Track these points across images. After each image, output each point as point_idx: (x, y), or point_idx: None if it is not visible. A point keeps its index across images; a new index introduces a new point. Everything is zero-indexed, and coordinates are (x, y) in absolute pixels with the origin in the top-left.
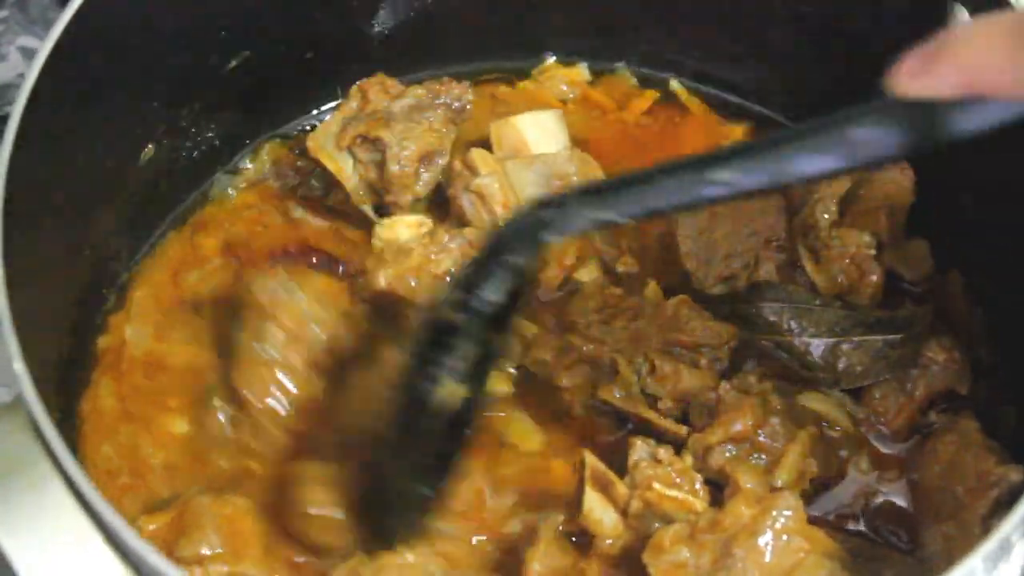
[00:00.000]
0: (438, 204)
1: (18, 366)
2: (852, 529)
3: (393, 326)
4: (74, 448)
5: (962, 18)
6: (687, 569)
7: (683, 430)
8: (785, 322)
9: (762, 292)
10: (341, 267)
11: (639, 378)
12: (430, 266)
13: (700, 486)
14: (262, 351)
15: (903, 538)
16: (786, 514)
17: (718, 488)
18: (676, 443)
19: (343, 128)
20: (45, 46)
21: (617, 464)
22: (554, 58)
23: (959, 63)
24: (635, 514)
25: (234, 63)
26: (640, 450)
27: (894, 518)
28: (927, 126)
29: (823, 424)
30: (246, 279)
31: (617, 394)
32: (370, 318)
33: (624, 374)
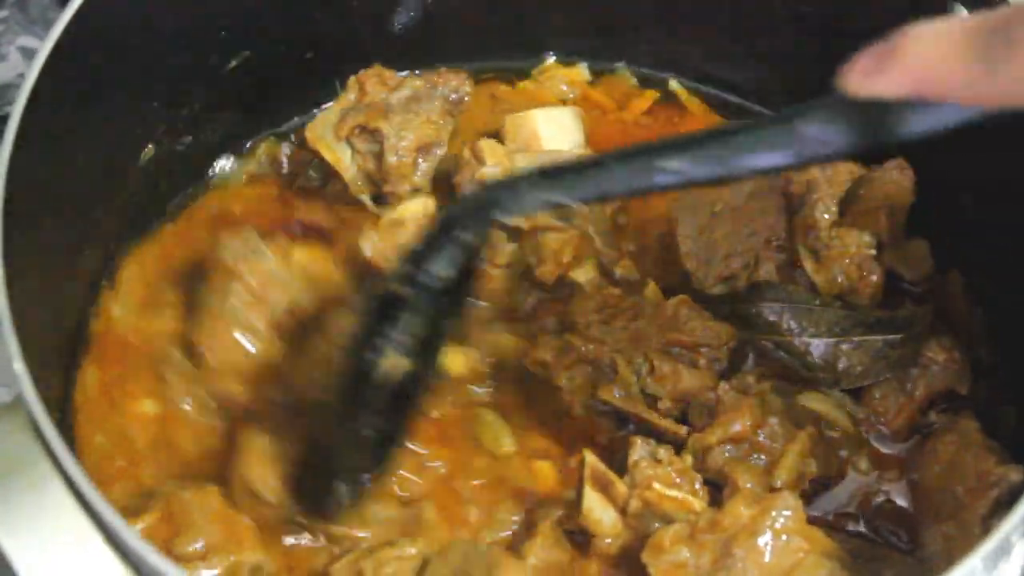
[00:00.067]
0: (444, 191)
1: (18, 366)
2: (852, 529)
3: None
4: (71, 442)
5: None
6: (687, 569)
7: (683, 430)
8: (785, 322)
9: (762, 292)
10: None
11: (638, 378)
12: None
13: (700, 486)
14: (224, 309)
15: (903, 538)
16: (785, 514)
17: (717, 488)
18: (676, 443)
19: (341, 119)
20: (45, 46)
21: (617, 464)
22: (554, 58)
23: (909, 65)
24: (634, 513)
25: (234, 63)
26: (640, 450)
27: (894, 518)
28: (876, 126)
29: (823, 424)
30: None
31: (617, 394)
32: (350, 288)
33: (624, 374)
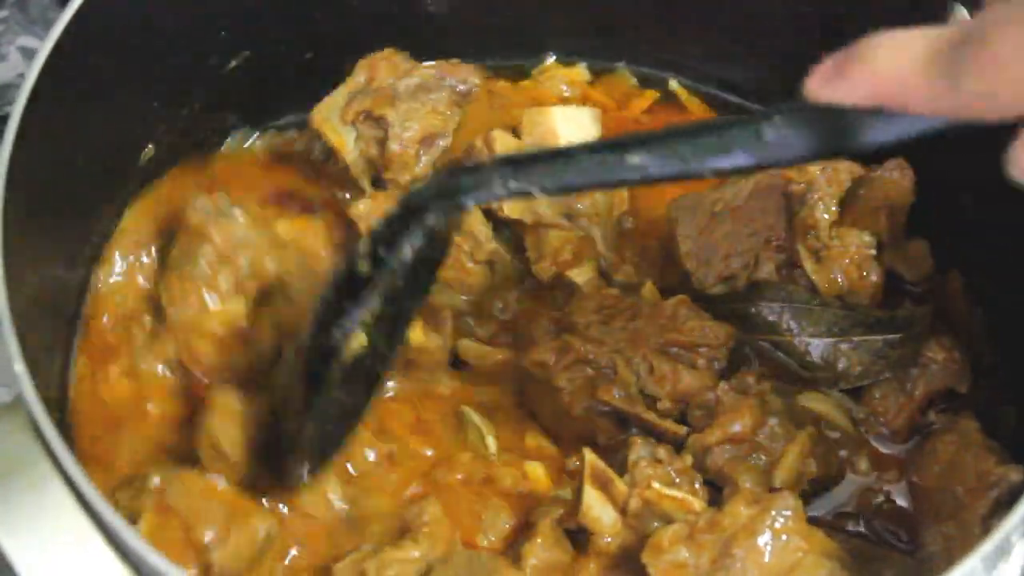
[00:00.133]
0: None
1: (18, 366)
2: (852, 529)
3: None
4: (71, 442)
5: (961, 18)
6: (686, 569)
7: (682, 430)
8: (785, 322)
9: (762, 292)
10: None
11: (638, 379)
12: None
13: (699, 486)
14: (191, 270)
15: (903, 538)
16: (785, 514)
17: (717, 489)
18: (675, 443)
19: (348, 102)
20: (45, 46)
21: (617, 464)
22: (554, 58)
23: (869, 74)
24: (634, 513)
25: (234, 63)
26: (640, 449)
27: (894, 518)
28: (837, 133)
29: (822, 424)
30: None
31: (616, 395)
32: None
33: (623, 375)
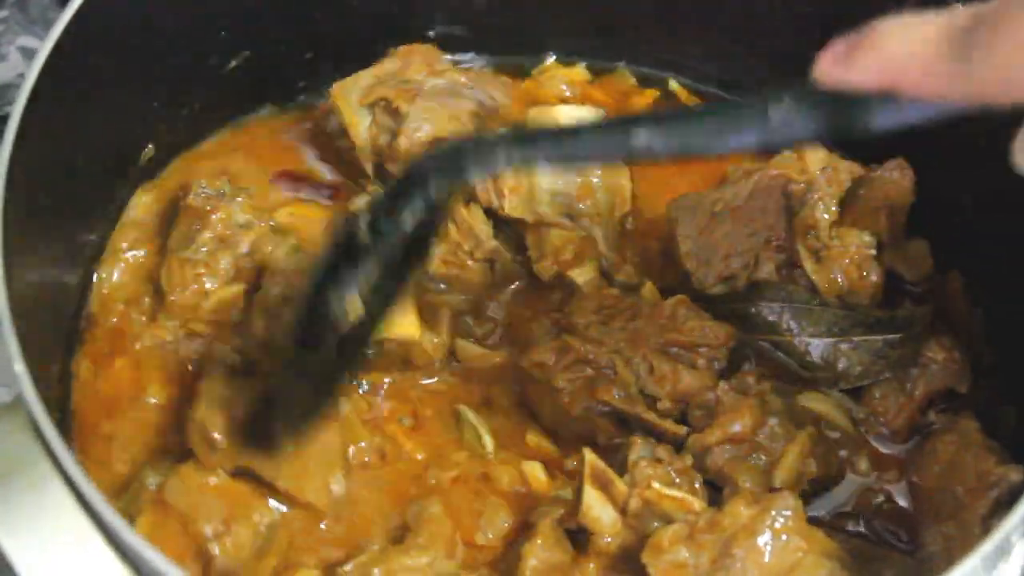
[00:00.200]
0: None
1: (18, 367)
2: (851, 529)
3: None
4: (72, 442)
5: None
6: (686, 569)
7: (682, 430)
8: (785, 322)
9: (762, 292)
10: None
11: (637, 379)
12: None
13: (699, 486)
14: (189, 251)
15: (903, 538)
16: (785, 514)
17: (716, 489)
18: (675, 443)
19: (372, 86)
20: (45, 46)
21: (616, 465)
22: (554, 58)
23: (880, 57)
24: (634, 513)
25: (234, 63)
26: (640, 449)
27: (894, 518)
28: (844, 116)
29: (822, 424)
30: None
31: (616, 395)
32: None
33: (622, 375)
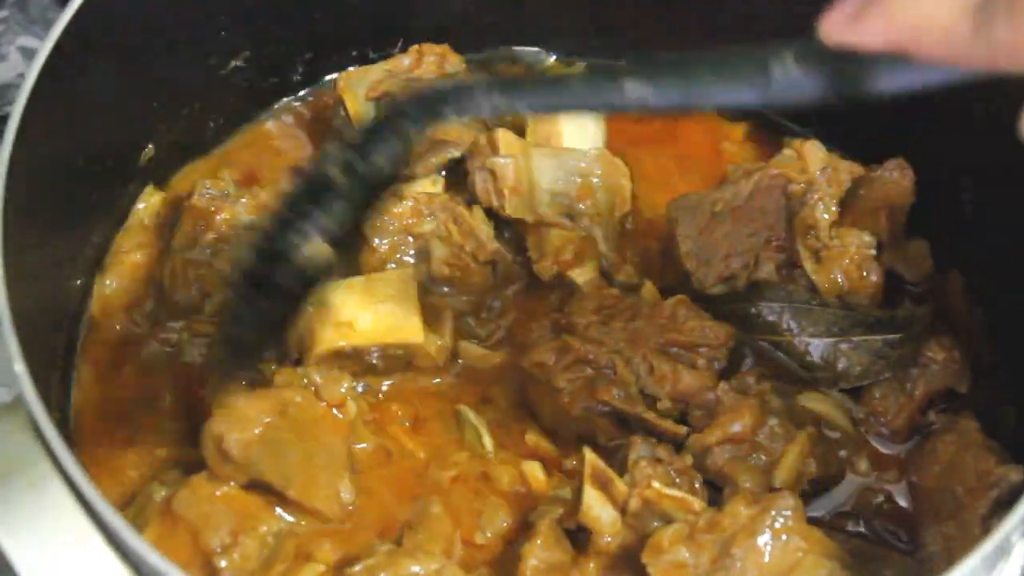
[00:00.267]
0: (456, 175)
1: (18, 367)
2: (851, 529)
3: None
4: (72, 442)
5: None
6: (686, 569)
7: (682, 430)
8: (785, 322)
9: (762, 292)
10: None
11: (637, 379)
12: (410, 219)
13: (699, 485)
14: (192, 250)
15: (903, 538)
16: (785, 514)
17: (716, 489)
18: (675, 443)
19: (381, 80)
20: (45, 46)
21: (616, 464)
22: (554, 58)
23: (896, 17)
24: (634, 512)
25: (234, 63)
26: (640, 449)
27: (894, 518)
28: (848, 78)
29: (822, 424)
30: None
31: (616, 395)
32: None
33: (622, 375)
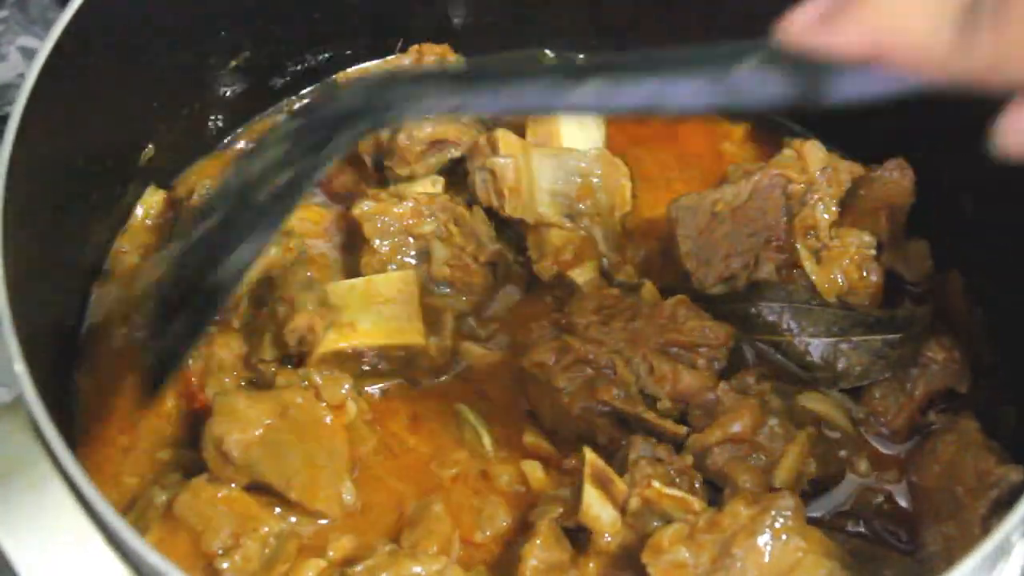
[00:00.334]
0: (456, 176)
1: (18, 367)
2: (851, 529)
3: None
4: (72, 442)
5: None
6: (686, 569)
7: (682, 430)
8: (785, 322)
9: (762, 292)
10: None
11: (637, 379)
12: (411, 220)
13: (699, 485)
14: None
15: (903, 538)
16: (785, 514)
17: (716, 489)
18: (675, 443)
19: None
20: (45, 46)
21: (616, 464)
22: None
23: (870, 22)
24: (634, 512)
25: (234, 63)
26: (640, 448)
27: (894, 518)
28: (812, 84)
29: (822, 424)
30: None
31: (616, 395)
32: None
33: (622, 375)
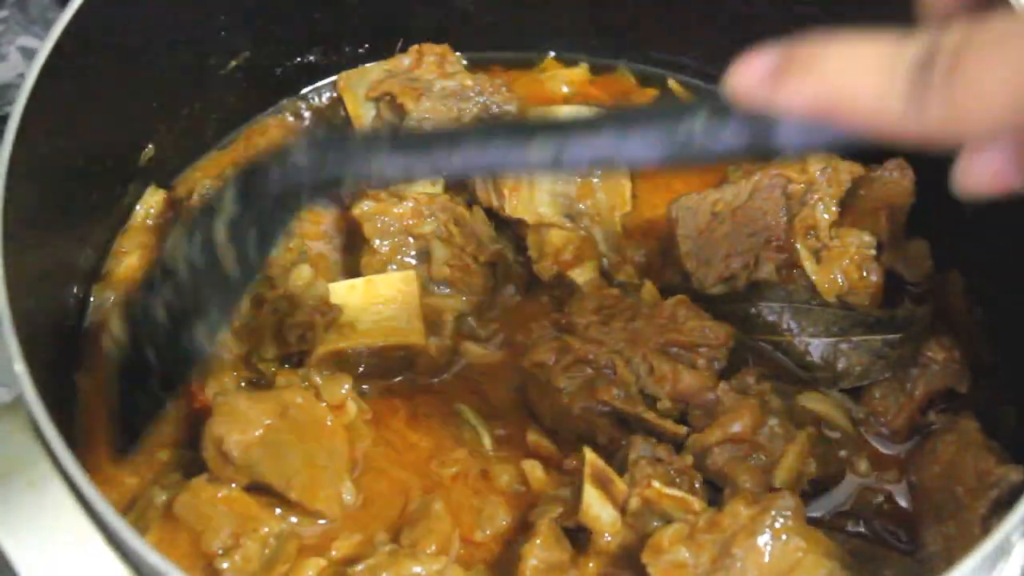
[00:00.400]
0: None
1: (18, 367)
2: (851, 529)
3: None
4: (72, 442)
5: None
6: (686, 569)
7: (682, 430)
8: (784, 322)
9: (762, 292)
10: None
11: (637, 379)
12: (411, 220)
13: (699, 485)
14: None
15: (903, 538)
16: (785, 514)
17: (716, 489)
18: (675, 444)
19: (381, 79)
20: (45, 46)
21: (616, 464)
22: (554, 56)
23: (819, 82)
24: (634, 512)
25: (234, 63)
26: (640, 448)
27: (894, 518)
28: (762, 134)
29: (822, 424)
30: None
31: (616, 395)
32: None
33: (622, 375)
